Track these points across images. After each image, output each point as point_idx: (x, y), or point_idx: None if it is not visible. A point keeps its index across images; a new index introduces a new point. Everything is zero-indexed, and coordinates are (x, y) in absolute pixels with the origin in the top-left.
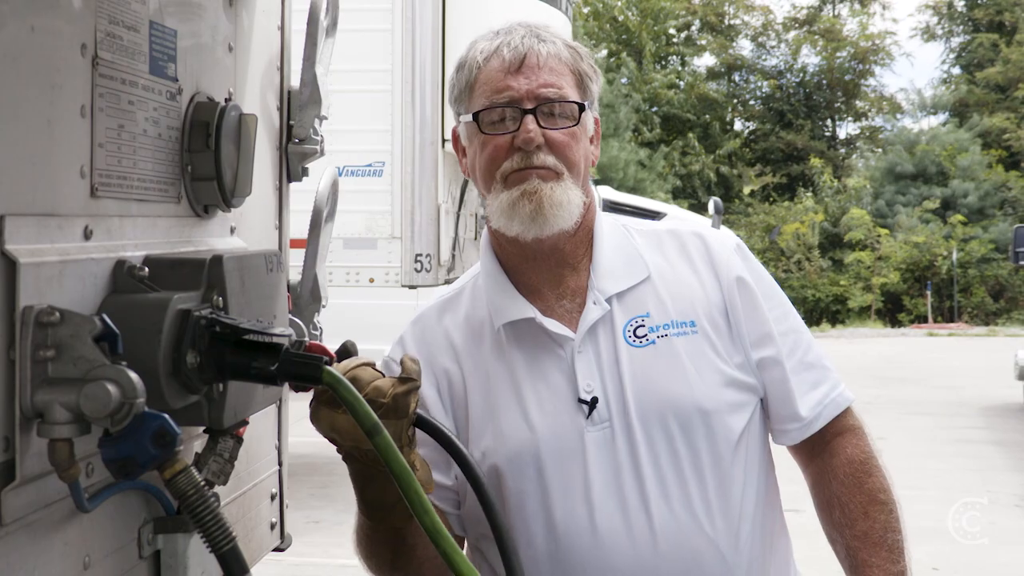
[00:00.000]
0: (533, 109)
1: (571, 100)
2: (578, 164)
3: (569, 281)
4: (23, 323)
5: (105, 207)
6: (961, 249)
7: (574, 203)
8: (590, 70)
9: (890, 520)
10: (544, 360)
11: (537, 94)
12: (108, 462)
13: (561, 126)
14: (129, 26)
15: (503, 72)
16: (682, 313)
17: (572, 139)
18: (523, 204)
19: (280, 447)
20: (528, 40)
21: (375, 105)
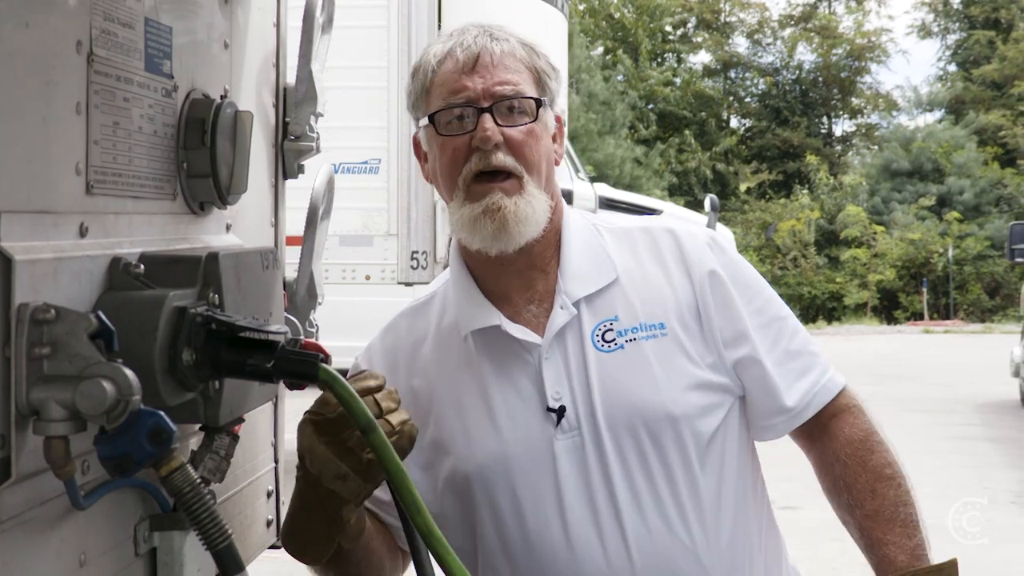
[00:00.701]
0: (489, 107)
1: (528, 96)
2: (538, 163)
3: (538, 285)
4: (18, 320)
5: (101, 204)
6: (957, 246)
7: (539, 212)
8: (548, 67)
9: (899, 494)
10: (513, 367)
11: (493, 92)
12: (104, 459)
13: (519, 123)
14: (124, 23)
15: (458, 73)
16: (651, 315)
17: (531, 137)
18: (485, 222)
19: (276, 444)
20: (481, 39)
21: (371, 102)
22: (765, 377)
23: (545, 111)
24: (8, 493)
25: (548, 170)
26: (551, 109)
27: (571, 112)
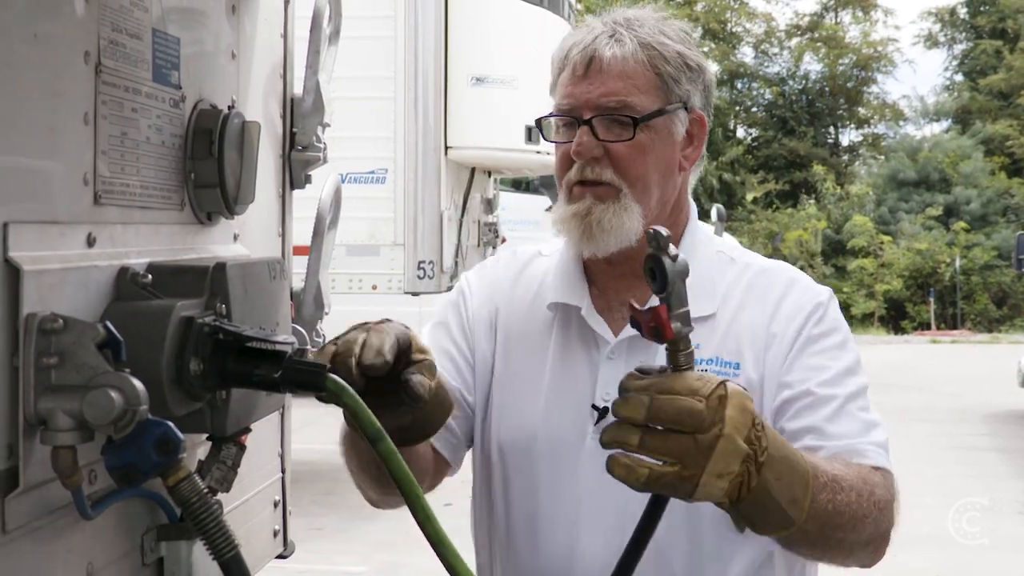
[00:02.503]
0: (589, 119)
1: (631, 112)
2: (644, 177)
3: (637, 292)
4: (27, 330)
5: (108, 214)
6: (964, 256)
7: (627, 226)
8: (677, 67)
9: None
10: (577, 353)
11: (596, 104)
12: (111, 469)
13: (623, 138)
14: (132, 34)
15: (570, 76)
16: (732, 353)
17: (636, 151)
18: (573, 225)
19: (283, 454)
20: (600, 41)
21: (378, 112)
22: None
23: (669, 118)
24: (15, 502)
25: (663, 181)
26: (681, 112)
27: None
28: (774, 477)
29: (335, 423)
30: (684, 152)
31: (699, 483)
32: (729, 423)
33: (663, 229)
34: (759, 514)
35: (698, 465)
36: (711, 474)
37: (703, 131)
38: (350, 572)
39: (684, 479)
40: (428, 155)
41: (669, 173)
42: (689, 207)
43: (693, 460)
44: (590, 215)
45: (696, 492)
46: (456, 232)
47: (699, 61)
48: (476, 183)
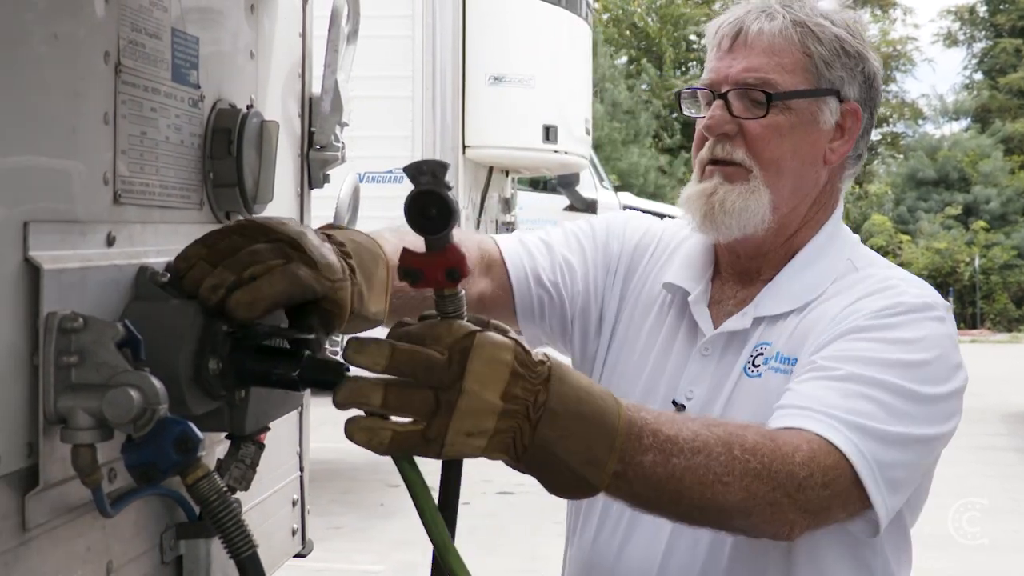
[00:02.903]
0: (724, 93)
1: (770, 89)
2: (778, 160)
3: (753, 287)
4: (46, 329)
5: (128, 214)
6: (983, 255)
7: (752, 210)
8: (832, 51)
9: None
10: (678, 343)
11: (735, 79)
12: (130, 468)
13: (758, 115)
14: (151, 34)
15: (716, 49)
16: (794, 349)
17: (772, 132)
18: (697, 204)
19: (302, 453)
20: (750, 16)
21: (396, 112)
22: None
23: (815, 104)
24: (35, 500)
25: (801, 169)
26: (832, 99)
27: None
28: (557, 435)
29: None
30: (831, 144)
31: (445, 443)
32: (471, 377)
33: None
34: (545, 474)
35: (442, 424)
36: (458, 432)
37: (857, 124)
38: (368, 571)
39: (430, 440)
40: (446, 154)
41: (809, 162)
42: (834, 207)
43: (436, 418)
44: (714, 195)
45: (443, 452)
46: (473, 231)
47: (860, 50)
48: (494, 182)
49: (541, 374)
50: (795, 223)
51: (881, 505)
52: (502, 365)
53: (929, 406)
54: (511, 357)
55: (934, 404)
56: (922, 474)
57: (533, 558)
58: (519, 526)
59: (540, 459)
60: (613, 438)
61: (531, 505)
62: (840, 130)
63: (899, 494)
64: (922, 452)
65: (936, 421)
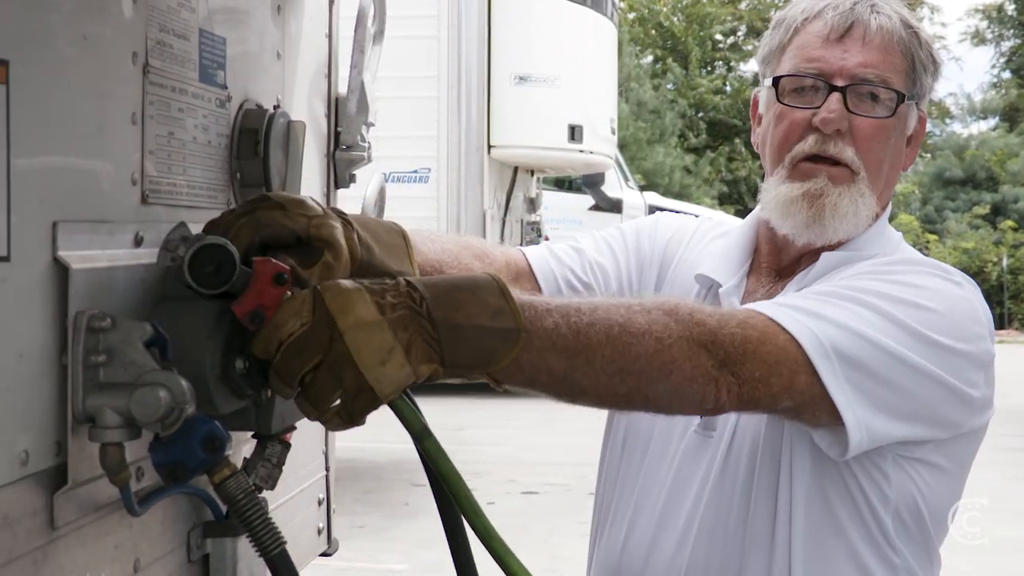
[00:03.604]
0: (843, 87)
1: (892, 87)
2: (881, 164)
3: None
4: (75, 328)
5: (155, 213)
6: (1012, 255)
7: (862, 213)
8: (928, 58)
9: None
10: None
11: (853, 72)
12: (158, 466)
13: (873, 114)
14: (179, 34)
15: (821, 39)
16: None
17: (881, 133)
18: (801, 206)
19: (327, 452)
20: (860, 8)
21: (421, 111)
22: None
23: (908, 109)
24: (64, 499)
25: (890, 174)
26: (917, 108)
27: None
28: (452, 308)
29: (377, 422)
30: (906, 151)
31: (371, 387)
32: (338, 316)
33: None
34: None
35: (352, 373)
36: (371, 368)
37: (923, 132)
38: (392, 570)
39: (359, 396)
40: (471, 154)
41: (895, 168)
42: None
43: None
44: (824, 196)
45: (382, 394)
46: (499, 231)
47: (939, 60)
48: (519, 182)
49: (397, 283)
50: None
51: (846, 407)
52: (353, 290)
53: (934, 348)
54: (355, 284)
55: (941, 350)
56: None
57: (555, 558)
58: (542, 526)
59: (458, 342)
60: (496, 285)
61: (554, 505)
62: (913, 137)
63: (879, 414)
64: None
65: (946, 369)
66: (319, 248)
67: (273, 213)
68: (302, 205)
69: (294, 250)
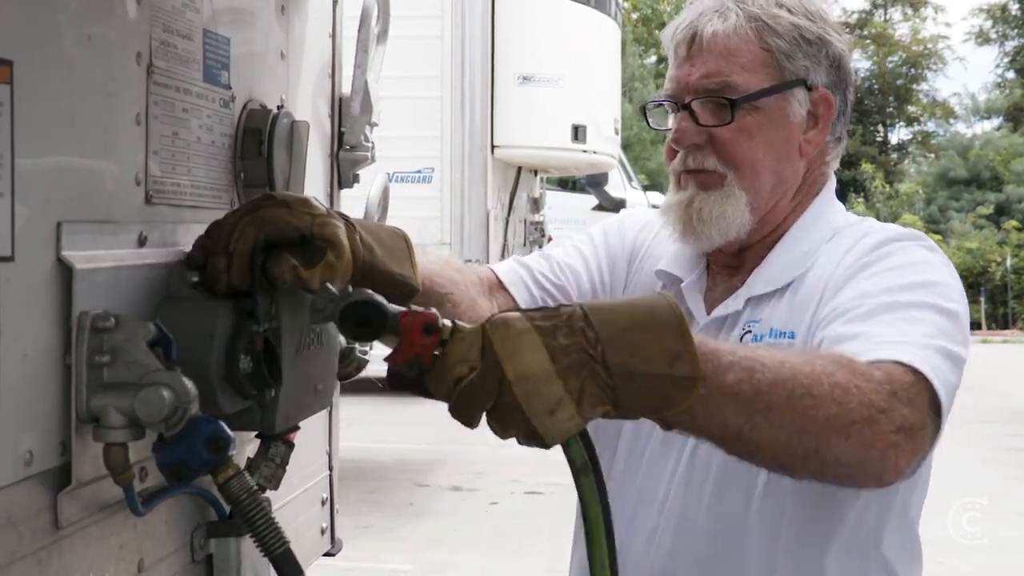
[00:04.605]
0: (688, 104)
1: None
2: (751, 163)
3: (744, 274)
4: (79, 328)
5: (159, 214)
6: (1015, 255)
7: (730, 215)
8: (792, 41)
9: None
10: None
11: (696, 86)
12: (162, 466)
13: (721, 122)
14: (183, 35)
15: (674, 58)
16: (786, 322)
17: (741, 135)
18: (675, 214)
19: (331, 452)
20: (704, 18)
21: (425, 111)
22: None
23: (782, 98)
24: (68, 499)
25: (778, 166)
26: (799, 90)
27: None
28: (627, 355)
29: (381, 421)
30: (806, 135)
31: (540, 433)
32: (506, 364)
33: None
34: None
35: (521, 421)
36: (540, 418)
37: (829, 110)
38: (396, 570)
39: (529, 440)
40: (475, 154)
41: (786, 158)
42: (821, 187)
43: (515, 421)
44: (691, 205)
45: (549, 439)
46: (503, 231)
47: (820, 34)
48: (522, 182)
49: (571, 314)
50: (778, 217)
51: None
52: (523, 332)
53: (957, 323)
54: (524, 321)
55: (960, 322)
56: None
57: (561, 559)
58: (547, 526)
59: (633, 388)
60: (677, 326)
61: (558, 505)
62: (813, 119)
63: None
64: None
65: (966, 343)
66: (322, 247)
67: (278, 211)
68: (306, 204)
69: (297, 248)
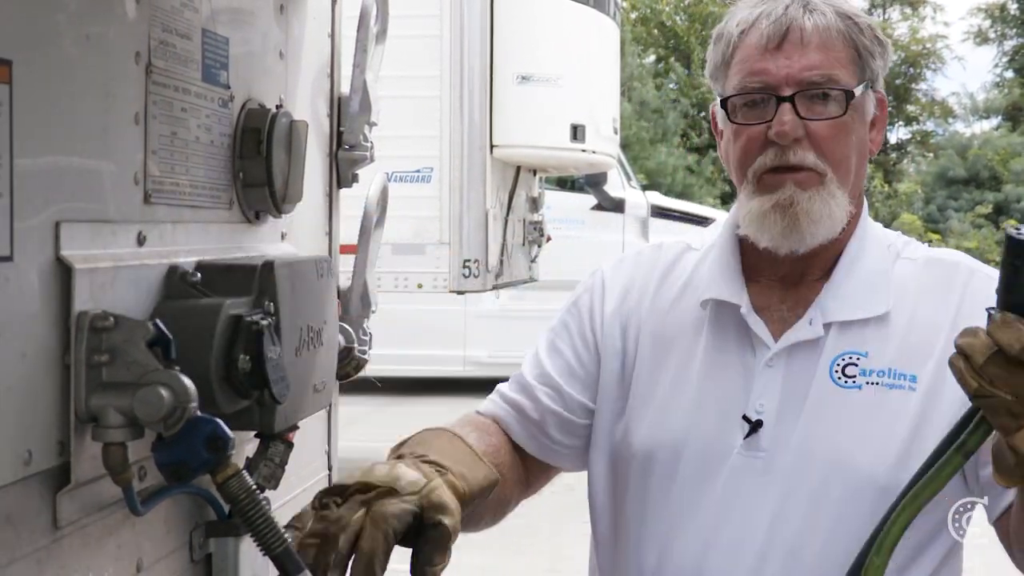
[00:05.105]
0: (791, 96)
1: (839, 86)
2: (846, 160)
3: (802, 287)
4: (78, 328)
5: (158, 213)
6: None
7: (836, 215)
8: (872, 41)
9: None
10: (730, 358)
11: (798, 79)
12: (161, 466)
13: (827, 115)
14: (182, 34)
15: (760, 50)
16: (907, 363)
17: (840, 131)
18: (774, 218)
19: (330, 452)
20: (793, 10)
21: (424, 111)
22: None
23: (864, 97)
24: (67, 498)
25: (858, 165)
26: (872, 91)
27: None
28: None
29: (381, 421)
30: (870, 135)
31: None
32: None
33: None
34: None
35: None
36: None
37: (885, 113)
38: (397, 570)
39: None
40: (474, 154)
41: (863, 158)
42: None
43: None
44: (795, 205)
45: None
46: (501, 231)
47: (884, 39)
48: (521, 181)
49: None
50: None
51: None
52: None
53: None
54: None
55: None
56: None
57: (560, 558)
58: (548, 526)
59: None
60: None
61: (558, 505)
62: (872, 121)
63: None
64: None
65: None
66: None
67: (390, 505)
68: (401, 478)
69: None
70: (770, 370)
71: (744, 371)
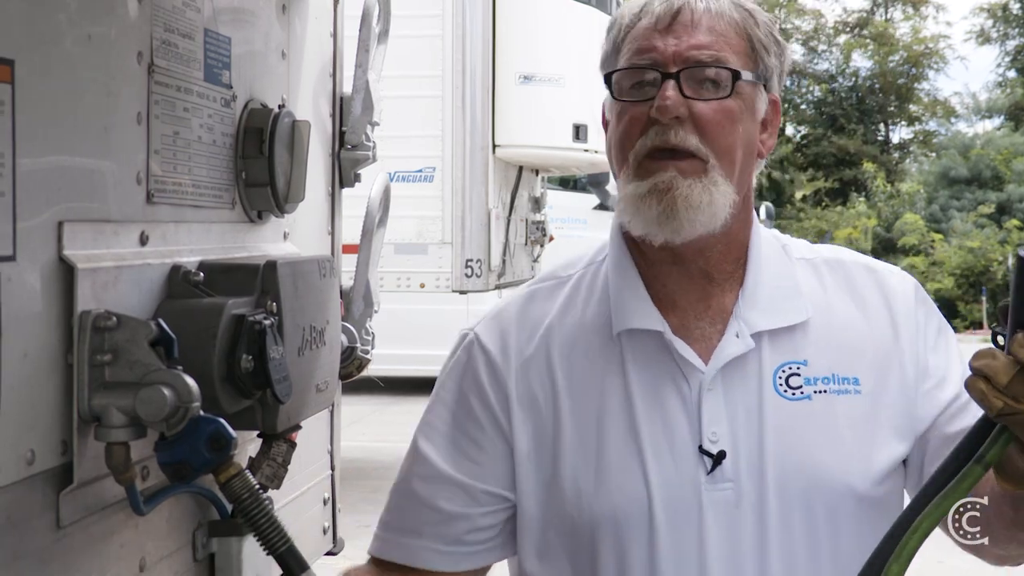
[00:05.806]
0: (676, 73)
1: (728, 66)
2: (732, 150)
3: (713, 300)
4: (81, 327)
5: (161, 213)
6: None
7: (718, 204)
8: (767, 38)
9: None
10: (665, 391)
11: (685, 56)
12: (164, 465)
13: (712, 97)
14: (184, 34)
15: (651, 30)
16: (847, 367)
17: (725, 117)
18: (651, 203)
19: (333, 451)
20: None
21: (426, 111)
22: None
23: (754, 90)
24: (70, 498)
25: (745, 161)
26: (765, 90)
27: None
28: None
29: (383, 421)
30: (761, 136)
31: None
32: None
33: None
34: None
35: None
36: None
37: (777, 117)
38: None
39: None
40: (476, 153)
41: (751, 156)
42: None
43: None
44: (673, 190)
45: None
46: (504, 230)
47: (783, 41)
48: (524, 181)
49: None
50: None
51: None
52: None
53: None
54: None
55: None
56: None
57: None
58: None
59: None
60: None
61: None
62: (764, 123)
63: None
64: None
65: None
66: None
67: None
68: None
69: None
70: (711, 394)
71: (683, 402)
